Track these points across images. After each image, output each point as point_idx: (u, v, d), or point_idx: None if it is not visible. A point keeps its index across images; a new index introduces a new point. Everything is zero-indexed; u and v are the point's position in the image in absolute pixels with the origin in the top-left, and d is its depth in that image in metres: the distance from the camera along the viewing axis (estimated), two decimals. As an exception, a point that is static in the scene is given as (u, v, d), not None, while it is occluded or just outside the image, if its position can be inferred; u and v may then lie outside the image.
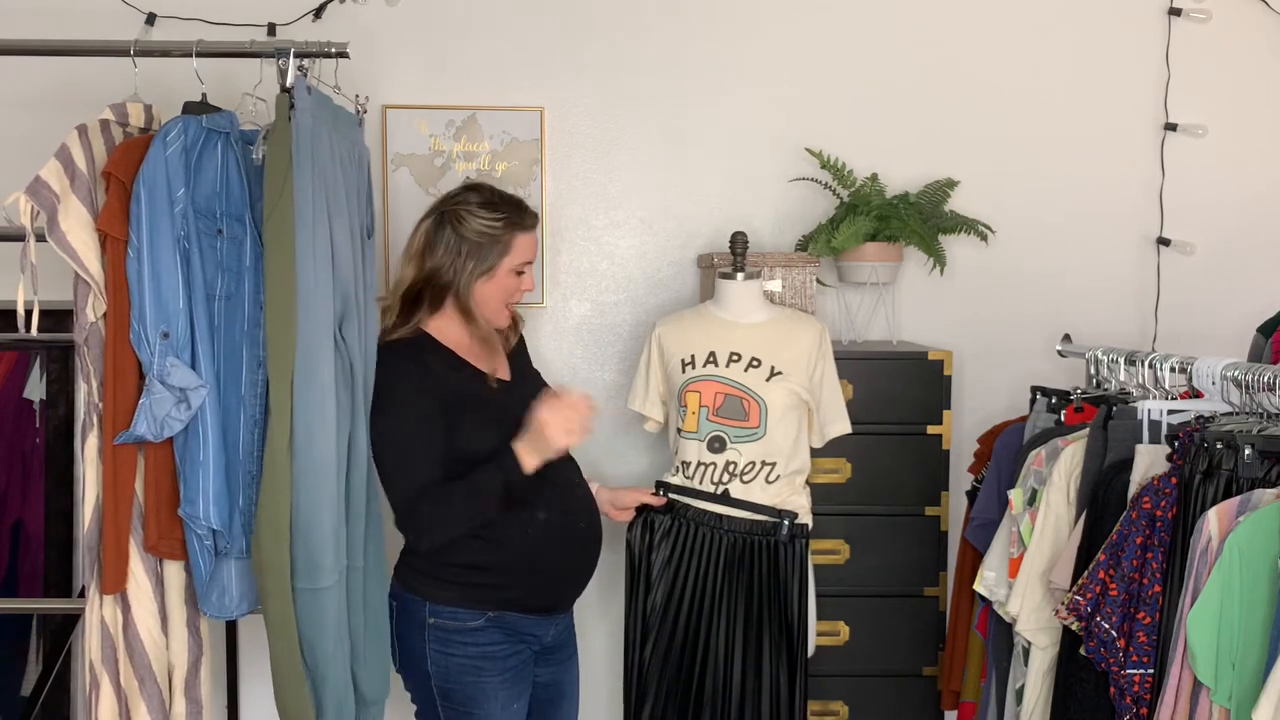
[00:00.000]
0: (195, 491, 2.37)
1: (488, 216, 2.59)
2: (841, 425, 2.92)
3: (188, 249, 2.38)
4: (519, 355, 2.78)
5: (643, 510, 2.87)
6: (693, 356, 2.88)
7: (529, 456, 2.46)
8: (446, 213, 2.61)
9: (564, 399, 2.50)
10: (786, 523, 2.81)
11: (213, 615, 2.48)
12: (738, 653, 2.79)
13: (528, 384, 2.70)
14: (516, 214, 2.61)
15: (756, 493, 2.82)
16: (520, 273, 2.62)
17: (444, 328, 2.60)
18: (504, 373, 2.67)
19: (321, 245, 2.39)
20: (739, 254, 2.90)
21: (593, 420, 2.52)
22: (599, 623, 3.46)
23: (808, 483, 2.94)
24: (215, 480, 2.38)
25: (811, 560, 2.91)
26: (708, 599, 2.81)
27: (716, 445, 2.82)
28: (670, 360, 2.91)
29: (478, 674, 2.52)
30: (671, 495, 2.86)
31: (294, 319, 2.34)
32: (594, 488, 2.78)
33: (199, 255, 2.40)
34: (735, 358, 2.85)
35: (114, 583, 2.37)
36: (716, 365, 2.85)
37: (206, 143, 2.43)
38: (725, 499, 2.82)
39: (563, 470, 2.62)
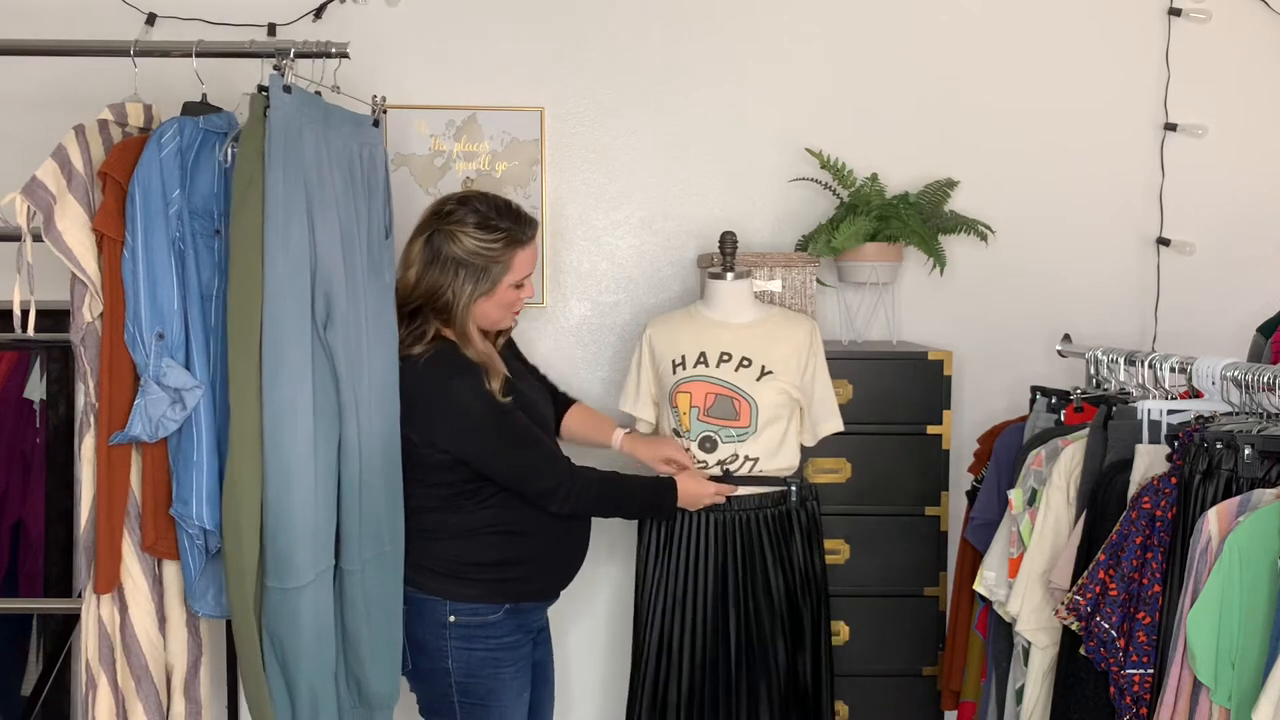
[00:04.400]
0: (189, 491, 2.37)
1: (483, 238, 2.55)
2: (833, 423, 2.92)
3: (183, 250, 2.38)
4: (508, 353, 2.78)
5: None
6: (683, 357, 2.87)
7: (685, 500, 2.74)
8: (439, 232, 2.58)
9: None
10: (794, 487, 2.83)
11: (205, 614, 2.48)
12: (772, 626, 2.79)
13: (530, 382, 2.78)
14: (515, 229, 2.58)
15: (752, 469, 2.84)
16: (520, 285, 2.62)
17: (471, 343, 2.60)
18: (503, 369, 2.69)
19: (296, 244, 2.37)
20: (728, 254, 2.90)
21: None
22: (595, 606, 3.48)
23: (805, 480, 2.95)
24: (209, 480, 2.38)
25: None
26: (730, 580, 2.80)
27: (708, 445, 2.82)
28: (661, 361, 2.91)
29: (497, 666, 2.57)
30: None
31: (258, 317, 2.33)
32: (618, 435, 2.87)
33: (194, 256, 2.40)
34: (725, 358, 2.85)
35: (107, 582, 2.37)
36: (707, 365, 2.85)
37: (204, 144, 2.43)
38: (727, 478, 2.81)
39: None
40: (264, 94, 2.38)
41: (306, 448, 2.37)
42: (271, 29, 3.27)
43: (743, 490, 2.82)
